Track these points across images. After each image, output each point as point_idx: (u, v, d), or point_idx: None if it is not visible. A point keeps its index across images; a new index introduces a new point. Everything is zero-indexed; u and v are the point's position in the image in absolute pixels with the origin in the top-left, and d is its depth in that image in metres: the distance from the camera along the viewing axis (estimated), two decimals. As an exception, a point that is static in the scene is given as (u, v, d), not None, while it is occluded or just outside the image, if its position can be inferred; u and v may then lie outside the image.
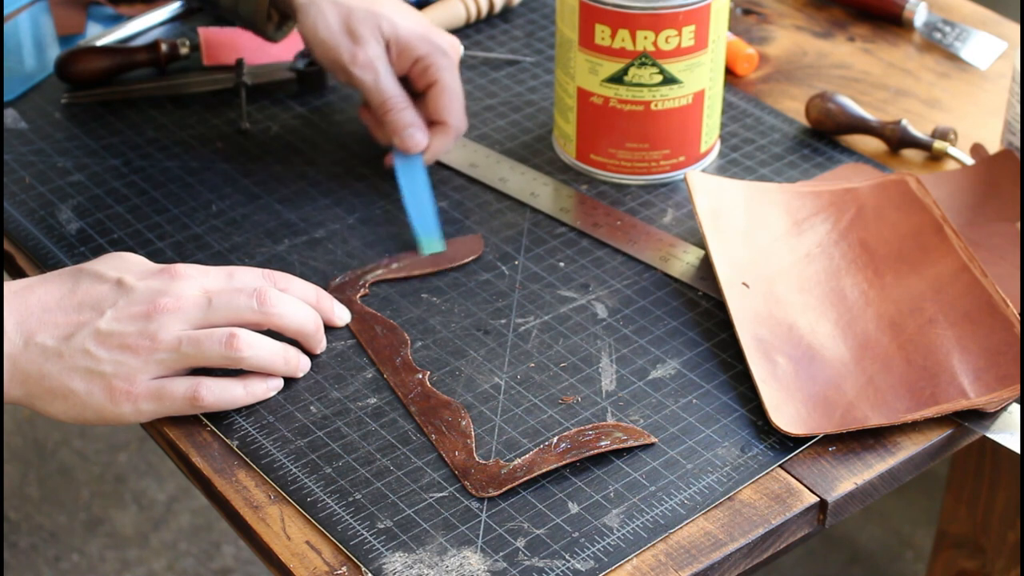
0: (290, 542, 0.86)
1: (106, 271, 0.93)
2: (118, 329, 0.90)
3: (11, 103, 1.23)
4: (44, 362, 0.90)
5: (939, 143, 1.15)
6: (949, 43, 1.29)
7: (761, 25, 1.33)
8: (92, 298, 0.91)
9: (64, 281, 0.92)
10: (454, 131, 1.12)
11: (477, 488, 0.88)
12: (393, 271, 1.04)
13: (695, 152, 1.14)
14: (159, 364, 0.91)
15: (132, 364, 0.90)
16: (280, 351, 0.94)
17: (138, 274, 0.93)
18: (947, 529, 1.58)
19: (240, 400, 0.93)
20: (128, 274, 0.93)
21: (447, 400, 0.94)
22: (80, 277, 0.93)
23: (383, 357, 0.97)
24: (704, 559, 0.85)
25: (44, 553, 1.94)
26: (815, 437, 0.91)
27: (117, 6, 1.33)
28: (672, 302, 1.02)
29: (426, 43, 1.10)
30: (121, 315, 0.91)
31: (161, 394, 0.91)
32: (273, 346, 0.94)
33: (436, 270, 1.04)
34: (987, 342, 0.95)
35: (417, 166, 1.11)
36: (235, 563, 1.93)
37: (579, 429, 0.92)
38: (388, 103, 1.09)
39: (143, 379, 0.90)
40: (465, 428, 0.92)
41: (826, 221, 1.06)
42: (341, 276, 1.04)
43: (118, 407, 0.90)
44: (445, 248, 1.06)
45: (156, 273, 0.93)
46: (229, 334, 0.91)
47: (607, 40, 1.07)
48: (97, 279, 0.92)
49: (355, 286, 1.03)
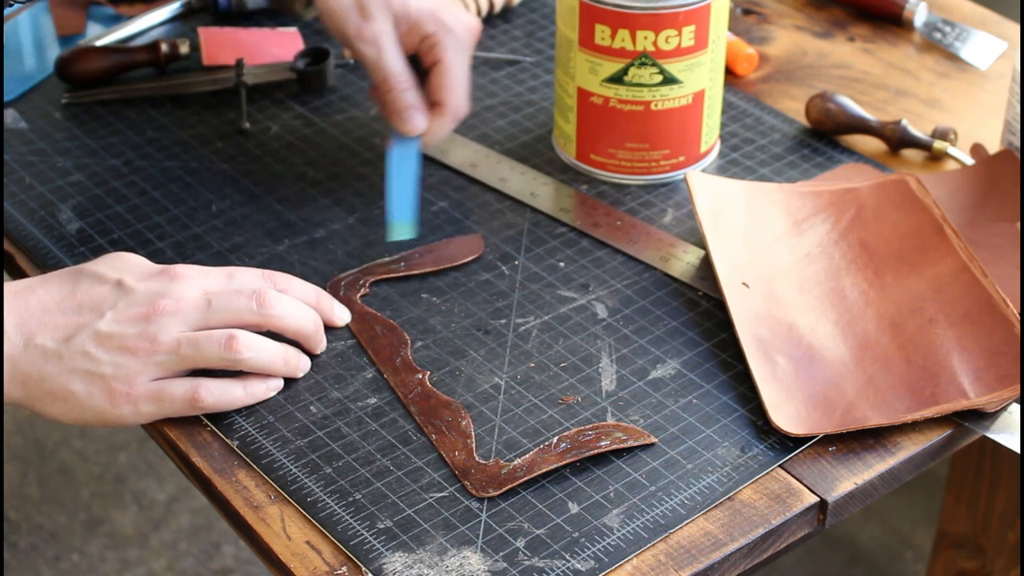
0: (290, 542, 0.86)
1: (106, 272, 0.93)
2: (118, 331, 0.90)
3: (11, 103, 1.23)
4: (44, 364, 0.90)
5: (939, 143, 1.15)
6: (949, 43, 1.29)
7: (761, 25, 1.33)
8: (92, 299, 0.91)
9: (64, 282, 0.92)
10: (451, 113, 1.08)
11: (477, 488, 0.88)
12: (393, 270, 1.04)
13: (695, 152, 1.14)
14: (158, 366, 0.91)
15: (132, 366, 0.90)
16: (280, 352, 0.94)
17: (138, 275, 0.93)
18: (947, 529, 1.58)
19: (240, 401, 0.93)
20: (128, 275, 0.93)
21: (447, 400, 0.94)
22: (80, 278, 0.93)
23: (383, 357, 0.97)
24: (704, 559, 0.85)
25: (44, 553, 1.94)
26: (815, 437, 0.91)
27: (117, 6, 1.33)
28: (672, 302, 1.02)
29: (435, 21, 1.07)
30: (121, 317, 0.91)
31: (161, 396, 0.91)
32: (273, 347, 0.94)
33: (436, 269, 1.04)
34: (987, 342, 0.95)
35: (412, 150, 1.08)
36: (235, 563, 1.93)
37: (579, 429, 0.92)
38: (390, 81, 1.07)
39: (143, 381, 0.90)
40: (465, 428, 0.92)
41: (826, 221, 1.06)
42: (341, 275, 1.04)
43: (118, 409, 0.90)
44: (415, 235, 1.05)
45: (156, 274, 0.93)
46: (228, 336, 0.91)
47: (607, 40, 1.07)
48: (97, 280, 0.92)
49: (355, 286, 1.03)
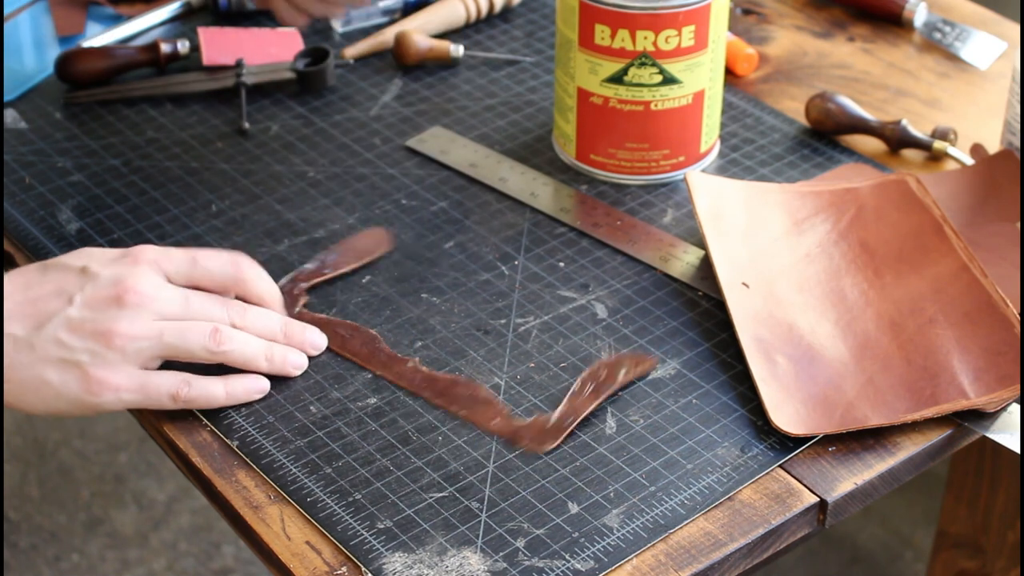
0: (290, 542, 0.86)
1: (70, 261, 0.93)
2: (89, 316, 0.90)
3: (11, 103, 1.23)
4: (15, 353, 0.89)
5: (939, 143, 1.15)
6: (949, 43, 1.29)
7: (761, 25, 1.33)
8: (59, 287, 0.91)
9: (31, 274, 0.93)
10: None
11: (537, 445, 0.90)
12: (321, 274, 1.04)
13: (695, 152, 1.14)
14: (139, 354, 0.90)
15: (109, 355, 0.89)
16: (262, 349, 0.94)
17: (102, 261, 0.93)
18: (947, 529, 1.58)
19: (220, 401, 0.93)
20: (92, 262, 0.93)
21: (452, 377, 0.95)
22: (46, 269, 0.93)
23: (365, 356, 0.97)
24: (704, 559, 0.85)
25: (44, 553, 1.94)
26: (815, 437, 0.91)
27: (117, 6, 1.33)
28: (672, 302, 1.02)
29: None
30: (89, 301, 0.90)
31: (145, 387, 0.90)
32: (256, 343, 0.94)
33: (359, 266, 1.04)
34: (987, 342, 0.95)
35: None
36: (235, 563, 1.93)
37: (590, 370, 0.95)
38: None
39: (124, 369, 0.90)
40: (487, 395, 0.93)
41: (826, 221, 1.06)
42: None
43: (97, 397, 0.90)
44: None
45: (118, 258, 0.93)
46: (212, 327, 0.92)
47: (607, 40, 1.07)
48: (62, 269, 0.93)
49: (292, 296, 1.02)
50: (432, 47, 1.27)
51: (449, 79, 1.26)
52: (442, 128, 1.20)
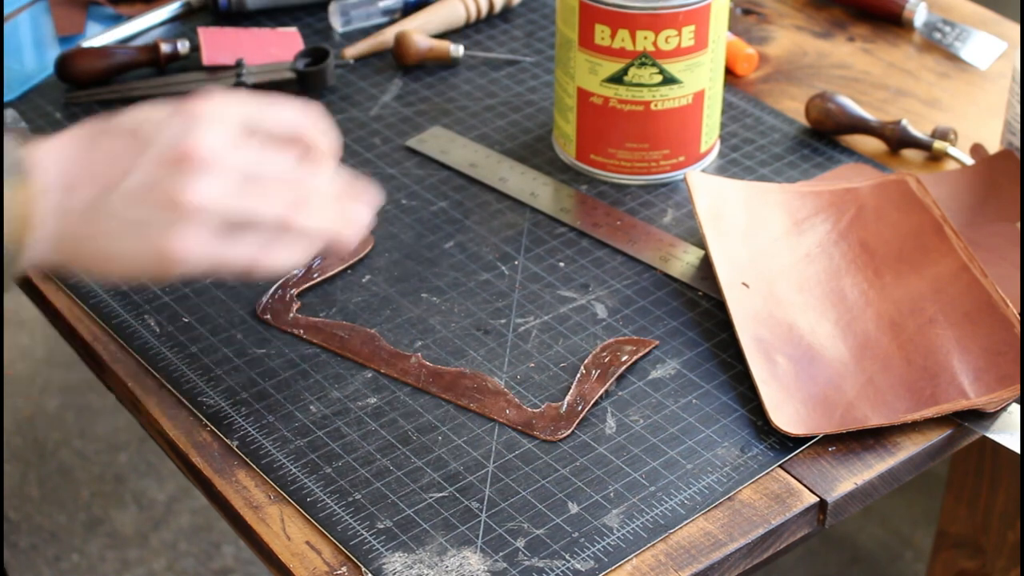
0: (290, 542, 0.86)
1: (124, 123, 0.85)
2: (155, 180, 0.82)
3: (11, 103, 1.22)
4: (84, 222, 0.82)
5: (939, 143, 1.15)
6: (949, 43, 1.29)
7: (761, 25, 1.33)
8: (118, 152, 0.83)
9: (82, 140, 0.84)
10: None
11: (550, 433, 0.90)
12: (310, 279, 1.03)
13: (695, 152, 1.14)
14: (207, 221, 0.82)
15: (177, 220, 0.82)
16: (335, 218, 0.85)
17: (156, 122, 0.84)
18: (947, 529, 1.58)
19: (299, 262, 0.85)
20: (146, 123, 0.84)
21: (457, 370, 0.95)
22: (97, 136, 0.84)
23: (366, 355, 0.97)
24: (704, 559, 0.85)
25: (44, 553, 1.94)
26: (815, 437, 0.91)
27: (117, 6, 1.33)
28: (672, 302, 1.02)
29: None
30: (152, 166, 0.82)
31: (223, 256, 0.83)
32: (330, 215, 0.85)
33: (345, 267, 1.04)
34: (987, 342, 0.95)
35: None
36: (235, 563, 1.93)
37: (593, 355, 0.96)
38: None
39: (196, 235, 0.82)
40: (495, 386, 0.93)
41: (826, 221, 1.06)
42: (266, 297, 1.02)
43: (170, 265, 0.82)
44: None
45: (173, 115, 0.84)
46: (291, 195, 0.83)
47: (607, 40, 1.07)
48: (116, 135, 0.84)
49: (284, 303, 1.01)
50: (432, 47, 1.27)
51: (449, 79, 1.26)
52: (442, 128, 1.20)
